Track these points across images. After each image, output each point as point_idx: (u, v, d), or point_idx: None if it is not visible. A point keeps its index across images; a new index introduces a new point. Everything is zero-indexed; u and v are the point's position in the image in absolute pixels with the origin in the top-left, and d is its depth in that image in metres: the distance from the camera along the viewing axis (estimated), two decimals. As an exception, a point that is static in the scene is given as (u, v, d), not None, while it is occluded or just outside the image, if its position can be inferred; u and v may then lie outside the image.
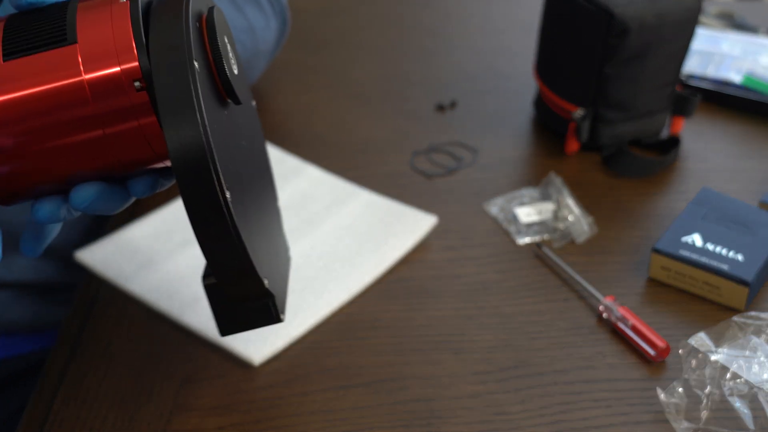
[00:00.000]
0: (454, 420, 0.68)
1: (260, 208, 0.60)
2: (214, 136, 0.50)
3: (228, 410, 0.69)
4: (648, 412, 0.68)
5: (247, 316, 0.58)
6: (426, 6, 1.28)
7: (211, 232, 0.51)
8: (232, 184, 0.52)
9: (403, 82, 1.09)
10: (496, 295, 0.79)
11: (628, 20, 0.87)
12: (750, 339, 0.68)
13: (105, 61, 0.51)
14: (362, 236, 0.83)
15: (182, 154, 0.49)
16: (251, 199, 0.57)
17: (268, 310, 0.57)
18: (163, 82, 0.49)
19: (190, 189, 0.50)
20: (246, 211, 0.54)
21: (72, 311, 0.78)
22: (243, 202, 0.54)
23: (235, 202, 0.52)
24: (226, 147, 0.53)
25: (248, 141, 0.61)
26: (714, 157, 0.96)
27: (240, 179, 0.55)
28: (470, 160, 0.96)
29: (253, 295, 0.55)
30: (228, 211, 0.50)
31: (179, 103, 0.49)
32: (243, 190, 0.55)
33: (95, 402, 0.70)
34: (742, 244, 0.78)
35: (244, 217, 0.53)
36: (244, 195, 0.55)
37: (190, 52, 0.50)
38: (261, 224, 0.59)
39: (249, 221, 0.55)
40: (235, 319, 0.58)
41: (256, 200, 0.59)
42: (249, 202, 0.56)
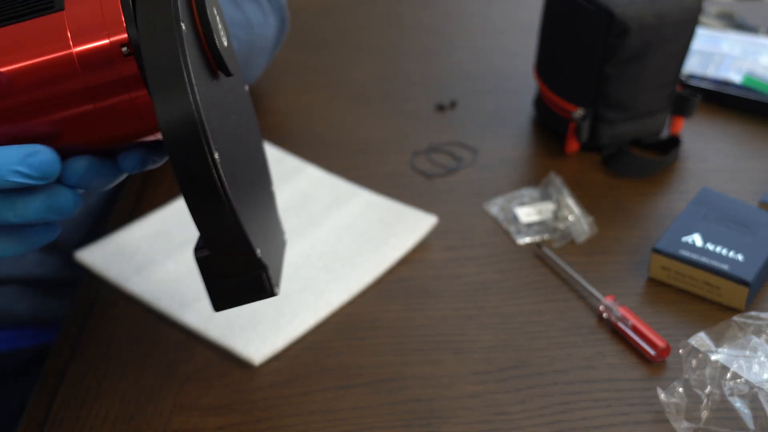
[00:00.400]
0: (454, 420, 0.68)
1: (252, 184, 0.59)
2: (204, 107, 0.50)
3: (228, 410, 0.69)
4: (648, 412, 0.68)
5: (241, 290, 0.56)
6: (426, 6, 1.28)
7: (202, 202, 0.50)
8: (223, 156, 0.51)
9: (403, 82, 1.09)
10: (496, 295, 0.79)
11: (628, 20, 0.87)
12: (750, 339, 0.68)
13: (93, 33, 0.50)
14: (362, 236, 0.83)
15: (172, 122, 0.48)
16: (242, 174, 0.57)
17: (261, 283, 0.55)
18: (151, 51, 0.49)
19: (181, 158, 0.49)
20: (237, 183, 0.54)
21: (72, 311, 0.78)
22: (234, 175, 0.53)
23: (225, 174, 0.51)
24: (216, 118, 0.52)
25: (239, 116, 0.60)
26: (714, 157, 0.96)
27: (230, 152, 0.54)
28: (470, 160, 0.96)
29: (246, 267, 0.54)
30: (220, 179, 0.49)
31: (168, 72, 0.48)
32: (234, 163, 0.54)
33: (95, 402, 0.70)
34: (742, 244, 0.78)
35: (234, 189, 0.53)
36: (235, 168, 0.54)
37: (177, 17, 0.49)
38: (253, 199, 0.58)
39: (240, 194, 0.54)
40: (229, 293, 0.56)
41: (247, 176, 0.58)
42: (240, 176, 0.56)
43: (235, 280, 0.55)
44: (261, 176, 0.65)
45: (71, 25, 0.51)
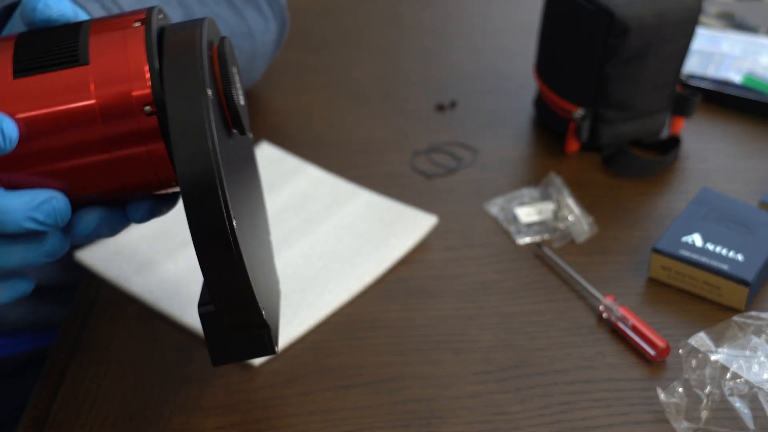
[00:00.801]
0: (454, 420, 0.68)
1: (257, 239, 0.60)
2: (222, 164, 0.51)
3: (228, 410, 0.69)
4: (648, 412, 0.68)
5: (242, 346, 0.57)
6: (426, 6, 1.28)
7: (215, 260, 0.51)
8: (237, 214, 0.52)
9: (403, 82, 1.09)
10: (496, 295, 0.79)
11: (628, 20, 0.87)
12: (750, 339, 0.68)
13: (117, 85, 0.51)
14: (362, 236, 0.83)
15: (191, 179, 0.49)
16: (250, 229, 0.57)
17: (263, 341, 0.57)
18: (177, 108, 0.49)
19: (198, 215, 0.50)
20: (246, 240, 0.54)
21: (72, 311, 0.78)
22: (244, 232, 0.54)
23: (237, 230, 0.52)
24: (230, 176, 0.53)
25: (247, 171, 0.61)
26: (714, 157, 0.96)
27: (241, 209, 0.55)
28: (470, 160, 0.96)
29: (250, 325, 0.55)
30: (234, 239, 0.50)
31: (192, 129, 0.49)
32: (243, 218, 0.55)
33: (95, 402, 0.70)
34: (742, 244, 0.78)
35: (244, 247, 0.53)
36: (244, 225, 0.55)
37: (204, 80, 0.50)
38: (258, 254, 0.59)
39: (248, 251, 0.55)
40: (229, 348, 0.57)
41: (254, 230, 0.59)
42: (248, 232, 0.56)
43: (237, 336, 0.56)
44: (263, 227, 0.65)
45: (95, 76, 0.51)
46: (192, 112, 0.49)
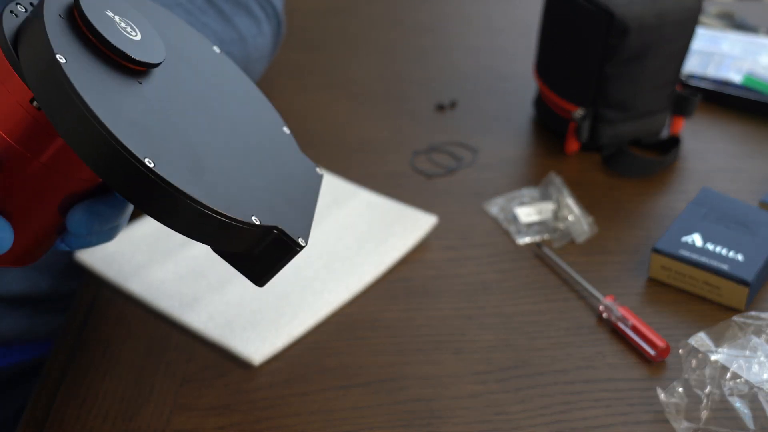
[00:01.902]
0: (454, 420, 0.68)
1: (242, 147, 0.57)
2: (131, 111, 0.49)
3: (228, 410, 0.69)
4: (648, 412, 0.68)
5: (269, 257, 0.54)
6: (425, 6, 1.28)
7: (158, 207, 0.49)
8: (178, 144, 0.51)
9: (403, 82, 1.09)
10: (496, 295, 0.79)
11: (628, 20, 0.87)
12: (750, 339, 0.68)
13: (4, 104, 0.50)
14: (362, 236, 0.83)
15: (87, 148, 0.48)
16: (221, 145, 0.55)
17: (283, 243, 0.54)
18: (41, 91, 0.48)
19: (112, 180, 0.48)
20: (209, 162, 0.53)
21: (72, 311, 0.78)
22: (202, 155, 0.52)
23: (182, 161, 0.50)
24: (161, 111, 0.52)
25: (213, 88, 0.59)
26: (714, 157, 0.96)
27: (194, 133, 0.53)
28: (470, 160, 0.96)
29: (255, 236, 0.53)
30: (160, 179, 0.48)
31: (62, 103, 0.48)
32: (203, 141, 0.53)
33: (95, 402, 0.70)
34: (742, 244, 0.78)
35: (203, 170, 0.51)
36: (204, 146, 0.53)
37: (51, 51, 0.48)
38: (244, 162, 0.56)
39: (218, 169, 0.53)
40: (260, 265, 0.55)
41: (232, 143, 0.57)
42: (216, 150, 0.54)
43: (256, 252, 0.54)
44: (260, 130, 0.61)
45: None
46: (54, 85, 0.48)
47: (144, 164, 0.47)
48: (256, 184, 0.56)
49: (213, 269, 0.80)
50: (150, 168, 0.48)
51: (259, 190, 0.56)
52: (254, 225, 0.52)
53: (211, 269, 0.80)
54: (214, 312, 0.76)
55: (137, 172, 0.48)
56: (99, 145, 0.47)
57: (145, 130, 0.50)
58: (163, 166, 0.48)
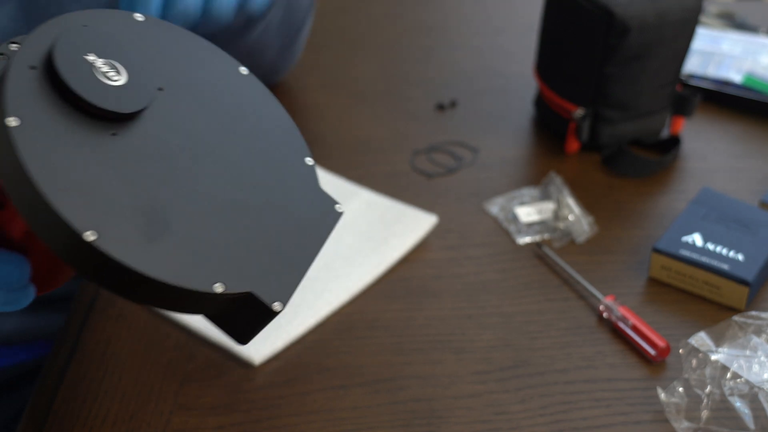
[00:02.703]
0: (454, 420, 0.68)
1: (241, 194, 0.54)
2: (102, 164, 0.48)
3: (228, 410, 0.69)
4: (648, 411, 0.68)
5: (247, 320, 0.52)
6: (426, 5, 1.28)
7: (114, 285, 0.48)
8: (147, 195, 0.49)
9: (403, 82, 1.09)
10: (496, 295, 0.79)
11: (628, 20, 0.87)
12: (750, 339, 0.68)
13: None
14: (362, 236, 0.83)
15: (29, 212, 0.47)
16: (214, 194, 0.52)
17: (258, 306, 0.51)
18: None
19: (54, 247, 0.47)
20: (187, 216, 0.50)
21: (72, 311, 0.78)
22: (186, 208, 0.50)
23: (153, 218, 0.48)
24: (141, 161, 0.50)
25: (219, 122, 0.55)
26: (714, 157, 0.96)
27: (157, 192, 0.50)
28: (470, 160, 0.96)
29: (226, 303, 0.51)
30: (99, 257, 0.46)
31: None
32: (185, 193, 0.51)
33: (95, 402, 0.70)
34: (742, 244, 0.78)
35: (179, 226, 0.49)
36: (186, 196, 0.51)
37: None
38: (239, 214, 0.53)
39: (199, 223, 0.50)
40: (240, 326, 0.53)
41: (230, 189, 0.53)
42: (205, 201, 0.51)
43: (233, 314, 0.52)
44: (273, 163, 0.57)
45: None
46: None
47: (83, 239, 0.45)
48: (237, 236, 0.52)
49: (213, 269, 0.80)
50: (90, 242, 0.46)
51: (239, 245, 0.52)
52: (215, 294, 0.49)
53: (211, 269, 0.80)
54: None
55: (81, 246, 0.46)
56: (41, 215, 0.46)
57: (97, 197, 0.47)
58: (110, 235, 0.46)
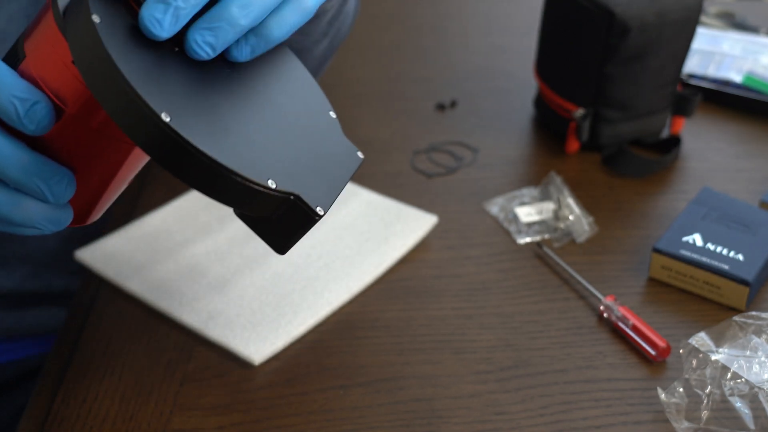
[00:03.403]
0: (454, 420, 0.68)
1: (277, 120, 0.58)
2: (159, 67, 0.51)
3: (228, 410, 0.69)
4: (648, 412, 0.68)
5: (288, 224, 0.56)
6: (426, 5, 1.28)
7: (171, 161, 0.51)
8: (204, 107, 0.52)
9: (403, 82, 1.09)
10: (497, 295, 0.79)
11: (628, 20, 0.87)
12: (750, 339, 0.68)
13: (49, 61, 0.53)
14: (362, 236, 0.83)
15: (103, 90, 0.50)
16: (248, 117, 0.56)
17: (301, 211, 0.55)
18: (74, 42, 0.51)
19: (129, 130, 0.50)
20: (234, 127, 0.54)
21: (71, 311, 0.78)
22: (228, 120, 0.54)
23: (202, 121, 0.52)
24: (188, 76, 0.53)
25: (254, 67, 0.59)
26: (714, 157, 0.96)
27: (215, 100, 0.54)
28: (470, 160, 0.96)
29: (274, 203, 0.54)
30: (174, 132, 0.49)
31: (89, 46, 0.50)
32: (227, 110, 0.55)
33: (95, 402, 0.70)
34: (742, 244, 0.78)
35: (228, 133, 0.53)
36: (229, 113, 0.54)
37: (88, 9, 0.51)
38: (274, 134, 0.57)
39: (244, 135, 0.54)
40: (280, 232, 0.56)
41: (264, 116, 0.58)
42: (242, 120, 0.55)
43: (275, 219, 0.55)
44: (302, 109, 0.62)
45: (34, 66, 0.54)
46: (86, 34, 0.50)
47: (160, 118, 0.49)
48: (283, 152, 0.56)
49: (213, 269, 0.80)
50: (166, 122, 0.49)
51: (285, 158, 0.56)
52: (269, 188, 0.53)
53: (211, 269, 0.80)
54: (214, 311, 0.76)
55: (154, 126, 0.49)
56: (120, 97, 0.49)
57: (169, 89, 0.51)
58: (181, 121, 0.50)
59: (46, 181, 0.53)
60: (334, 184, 0.59)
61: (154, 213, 0.86)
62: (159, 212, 0.86)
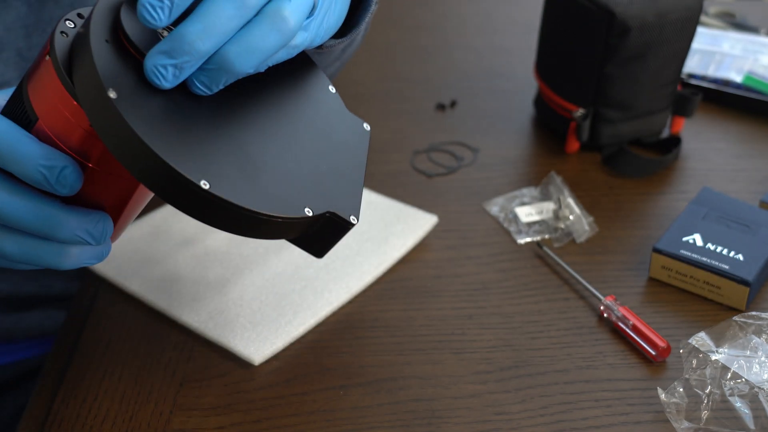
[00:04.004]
0: (454, 420, 0.68)
1: (295, 145, 0.59)
2: (169, 113, 0.52)
3: (228, 410, 0.69)
4: (648, 412, 0.68)
5: (326, 236, 0.59)
6: (426, 5, 1.28)
7: (199, 213, 0.52)
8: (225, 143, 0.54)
9: (403, 82, 1.09)
10: (497, 295, 0.79)
11: (628, 20, 0.87)
12: (750, 339, 0.68)
13: (66, 126, 0.54)
14: (363, 236, 0.83)
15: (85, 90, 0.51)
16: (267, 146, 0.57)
17: (336, 223, 0.58)
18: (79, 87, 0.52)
19: (157, 188, 0.51)
20: (253, 163, 0.55)
21: (71, 311, 0.78)
22: (247, 156, 0.55)
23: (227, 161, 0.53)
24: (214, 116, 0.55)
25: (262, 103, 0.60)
26: (714, 156, 0.96)
27: (240, 137, 0.56)
28: (470, 160, 0.96)
29: (308, 226, 0.56)
30: (190, 185, 0.51)
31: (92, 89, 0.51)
32: (246, 143, 0.56)
33: (95, 402, 0.70)
34: (742, 244, 0.78)
35: (254, 169, 0.54)
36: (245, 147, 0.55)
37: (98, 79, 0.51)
38: (297, 161, 0.58)
39: (267, 169, 0.55)
40: (318, 243, 0.59)
41: (281, 141, 0.59)
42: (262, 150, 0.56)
43: (312, 233, 0.58)
44: (308, 97, 0.62)
45: (50, 128, 0.54)
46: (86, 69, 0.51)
47: (200, 187, 0.51)
48: (307, 168, 0.58)
49: (213, 269, 0.80)
50: (206, 190, 0.51)
51: (310, 174, 0.58)
52: (308, 217, 0.55)
53: (211, 269, 0.80)
54: (214, 311, 0.76)
55: (195, 194, 0.51)
56: (158, 174, 0.51)
57: (197, 148, 0.52)
58: (218, 183, 0.52)
59: (89, 231, 0.56)
60: (355, 180, 0.61)
61: (154, 213, 0.86)
62: (159, 212, 0.86)
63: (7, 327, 0.87)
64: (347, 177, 0.60)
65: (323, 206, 0.57)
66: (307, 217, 0.55)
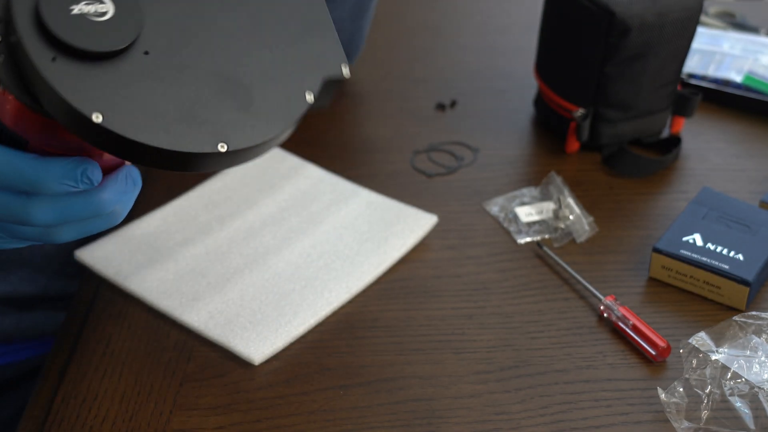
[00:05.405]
0: (454, 420, 0.68)
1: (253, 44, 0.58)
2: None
3: (228, 410, 0.69)
4: (648, 411, 0.68)
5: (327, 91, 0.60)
6: (426, 5, 1.28)
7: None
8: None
9: (403, 82, 1.09)
10: (497, 295, 0.79)
11: (628, 19, 0.87)
12: (750, 339, 0.68)
13: (55, 141, 0.55)
14: (363, 235, 0.83)
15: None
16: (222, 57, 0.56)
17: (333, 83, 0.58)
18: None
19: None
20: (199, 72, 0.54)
21: (71, 311, 0.78)
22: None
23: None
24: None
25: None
26: (714, 156, 0.96)
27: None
28: (470, 160, 0.96)
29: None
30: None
31: None
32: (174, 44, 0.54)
33: (95, 402, 0.70)
34: (742, 244, 0.78)
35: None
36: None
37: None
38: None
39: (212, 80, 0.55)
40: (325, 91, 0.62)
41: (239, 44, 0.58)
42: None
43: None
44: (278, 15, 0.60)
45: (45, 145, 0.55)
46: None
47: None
48: (276, 52, 0.59)
49: (213, 268, 0.80)
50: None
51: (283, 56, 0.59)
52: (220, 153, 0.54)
53: (211, 268, 0.80)
54: (214, 311, 0.76)
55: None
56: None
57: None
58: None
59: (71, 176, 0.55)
60: (324, 27, 0.60)
61: (154, 213, 0.86)
62: (159, 212, 0.86)
63: (7, 327, 0.88)
64: (317, 32, 0.59)
65: (316, 80, 0.57)
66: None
